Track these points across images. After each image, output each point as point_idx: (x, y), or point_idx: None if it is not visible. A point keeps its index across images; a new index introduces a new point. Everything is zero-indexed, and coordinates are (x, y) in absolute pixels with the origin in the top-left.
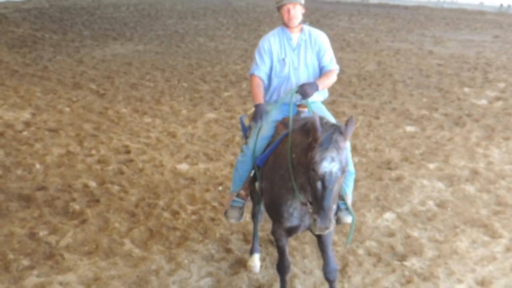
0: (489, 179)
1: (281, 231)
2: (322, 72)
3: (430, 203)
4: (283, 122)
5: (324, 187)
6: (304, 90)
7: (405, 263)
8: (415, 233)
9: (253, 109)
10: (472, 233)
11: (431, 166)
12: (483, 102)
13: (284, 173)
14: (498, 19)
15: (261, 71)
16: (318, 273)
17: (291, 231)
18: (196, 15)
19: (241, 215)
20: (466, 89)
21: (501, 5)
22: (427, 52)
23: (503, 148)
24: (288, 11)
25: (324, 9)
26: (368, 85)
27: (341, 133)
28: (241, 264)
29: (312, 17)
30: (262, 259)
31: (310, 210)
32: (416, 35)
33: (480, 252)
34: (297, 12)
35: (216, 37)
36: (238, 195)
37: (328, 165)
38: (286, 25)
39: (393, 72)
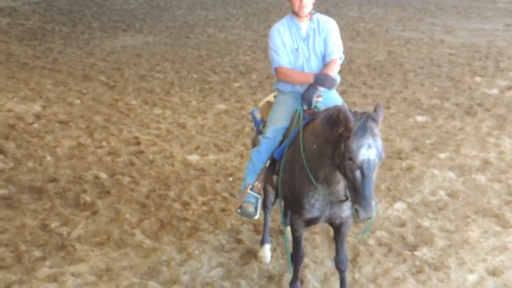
0: (500, 169)
1: (300, 222)
2: (325, 60)
3: (441, 193)
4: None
5: (363, 175)
6: (305, 99)
7: (416, 253)
8: (426, 223)
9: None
10: (483, 223)
11: (442, 156)
12: (495, 91)
13: (305, 165)
14: (510, 7)
15: (285, 61)
16: (329, 263)
17: (310, 222)
18: (205, 5)
19: (256, 210)
20: (478, 79)
21: None
22: (438, 41)
23: None
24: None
25: None
26: (378, 75)
27: (373, 119)
28: (251, 254)
29: (322, 7)
30: (273, 250)
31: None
32: (426, 24)
33: (492, 242)
34: (308, 1)
35: (226, 28)
36: (252, 189)
37: (366, 153)
38: (296, 13)
39: (404, 61)
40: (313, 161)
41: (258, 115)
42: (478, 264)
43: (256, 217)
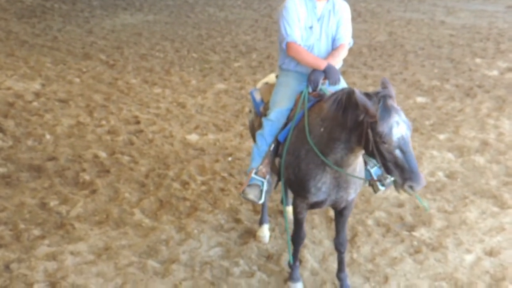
0: (499, 150)
1: (304, 205)
2: (333, 44)
3: (440, 174)
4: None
5: (403, 152)
6: (311, 80)
7: (414, 233)
8: (425, 204)
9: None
10: (481, 203)
11: (441, 137)
12: (495, 73)
13: (311, 148)
14: None
15: (297, 37)
16: (327, 243)
17: (314, 206)
18: None
19: (261, 194)
20: (478, 60)
21: None
22: (439, 22)
23: None
24: None
25: None
26: (379, 56)
27: (390, 96)
28: (250, 234)
29: None
30: (271, 230)
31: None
32: (428, 5)
33: (489, 222)
34: None
35: (226, 7)
36: (257, 173)
37: (398, 131)
38: None
39: (404, 42)
40: (320, 145)
41: (258, 96)
42: (475, 245)
43: (261, 201)
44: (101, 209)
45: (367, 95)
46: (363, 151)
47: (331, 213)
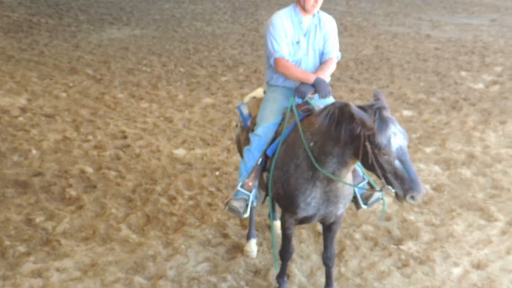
0: (486, 163)
1: (292, 221)
2: (322, 58)
3: (427, 186)
4: (292, 109)
5: (402, 161)
6: (300, 91)
7: (402, 247)
8: (412, 217)
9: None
10: (468, 216)
11: (428, 150)
12: (480, 86)
13: (301, 163)
14: (495, 2)
15: (285, 53)
16: (315, 258)
17: (303, 221)
18: None
19: (246, 207)
20: (463, 73)
21: None
22: (425, 36)
23: (499, 132)
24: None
25: None
26: (366, 69)
27: (384, 108)
28: (238, 249)
29: None
30: (259, 244)
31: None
32: (413, 19)
33: (476, 235)
34: (322, 1)
35: (213, 22)
36: (243, 186)
37: (396, 141)
38: (305, 9)
39: (391, 56)
40: (310, 159)
41: (245, 110)
42: (462, 258)
43: (246, 214)
44: (88, 225)
45: (362, 108)
46: (354, 165)
47: (319, 227)
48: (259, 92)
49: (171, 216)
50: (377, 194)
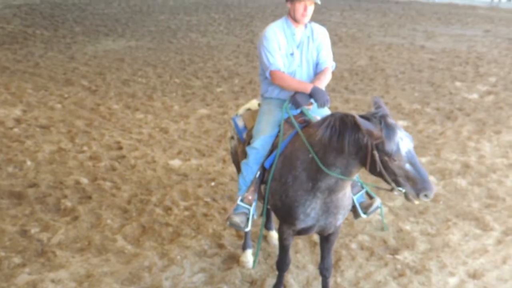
0: (481, 173)
1: (290, 232)
2: (317, 69)
3: None
4: (288, 122)
5: (413, 164)
6: (295, 100)
7: (398, 256)
8: (407, 227)
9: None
10: (463, 226)
11: (423, 160)
12: (475, 96)
13: (300, 174)
14: (489, 13)
15: (279, 65)
16: (311, 268)
17: (302, 232)
18: (188, 10)
19: (247, 221)
20: (458, 84)
21: None
22: (419, 46)
23: (494, 141)
24: (305, 8)
25: (316, 4)
26: (360, 80)
27: (387, 115)
28: (234, 259)
29: None
30: (255, 255)
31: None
32: (407, 30)
33: (472, 245)
34: (311, 10)
35: (208, 33)
36: (242, 200)
37: (404, 146)
38: (295, 19)
39: (385, 67)
40: (311, 170)
41: (240, 123)
42: (458, 267)
43: (248, 228)
44: (83, 236)
45: (366, 117)
46: (356, 174)
47: (315, 237)
48: (253, 104)
49: (167, 226)
50: (376, 203)
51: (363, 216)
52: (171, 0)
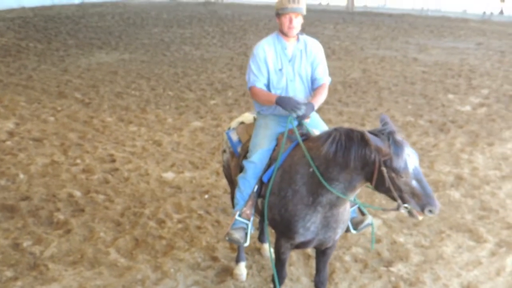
0: (474, 185)
1: (288, 246)
2: (313, 84)
3: None
4: (288, 136)
5: (419, 180)
6: (288, 106)
7: (392, 268)
8: (401, 239)
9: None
10: (457, 238)
11: None
12: (467, 108)
13: (300, 188)
14: (481, 26)
15: (261, 82)
16: (305, 280)
17: (300, 246)
18: (181, 23)
19: (246, 236)
20: (451, 96)
21: (484, 12)
22: (412, 59)
23: (487, 153)
24: (290, 20)
25: (309, 17)
26: (354, 93)
27: (395, 131)
28: (227, 272)
29: None
30: (249, 267)
31: (414, 211)
32: (400, 43)
33: (466, 256)
34: (298, 22)
35: (202, 46)
36: (240, 215)
37: (412, 162)
38: (284, 33)
39: (378, 79)
40: (312, 184)
41: (234, 137)
42: (452, 279)
43: (247, 243)
44: (76, 249)
45: (374, 133)
46: (359, 190)
47: (309, 250)
48: (246, 117)
49: (160, 239)
50: (368, 220)
51: (353, 232)
52: (164, 13)
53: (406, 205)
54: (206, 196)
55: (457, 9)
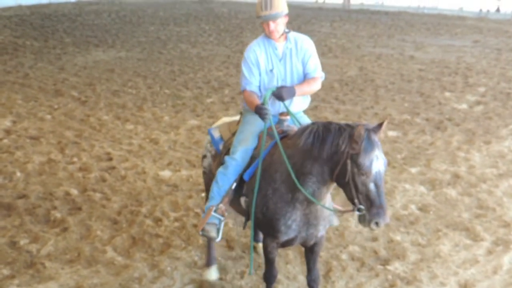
0: (470, 183)
1: (274, 245)
2: (305, 79)
3: (413, 207)
4: (269, 132)
5: (377, 186)
6: (280, 93)
7: (388, 267)
8: (398, 237)
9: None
10: (454, 236)
11: (413, 170)
12: (464, 106)
13: (279, 186)
14: (478, 24)
15: (252, 85)
16: (302, 279)
17: (285, 244)
18: (178, 21)
19: (218, 232)
20: (447, 94)
21: (481, 10)
22: (408, 57)
23: (483, 151)
24: (268, 25)
25: (306, 15)
26: (350, 91)
27: (374, 131)
28: (224, 270)
29: (294, 24)
30: (245, 266)
31: (360, 213)
32: (397, 41)
33: (463, 255)
34: (278, 25)
35: (199, 44)
36: (216, 211)
37: (377, 165)
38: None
39: (375, 77)
40: (290, 181)
41: (216, 134)
42: (449, 278)
43: (218, 239)
44: (73, 247)
45: (349, 126)
46: (333, 185)
47: (304, 252)
48: (225, 120)
49: (157, 238)
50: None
51: (333, 224)
52: (161, 11)
53: (361, 206)
54: (203, 195)
55: (453, 7)
